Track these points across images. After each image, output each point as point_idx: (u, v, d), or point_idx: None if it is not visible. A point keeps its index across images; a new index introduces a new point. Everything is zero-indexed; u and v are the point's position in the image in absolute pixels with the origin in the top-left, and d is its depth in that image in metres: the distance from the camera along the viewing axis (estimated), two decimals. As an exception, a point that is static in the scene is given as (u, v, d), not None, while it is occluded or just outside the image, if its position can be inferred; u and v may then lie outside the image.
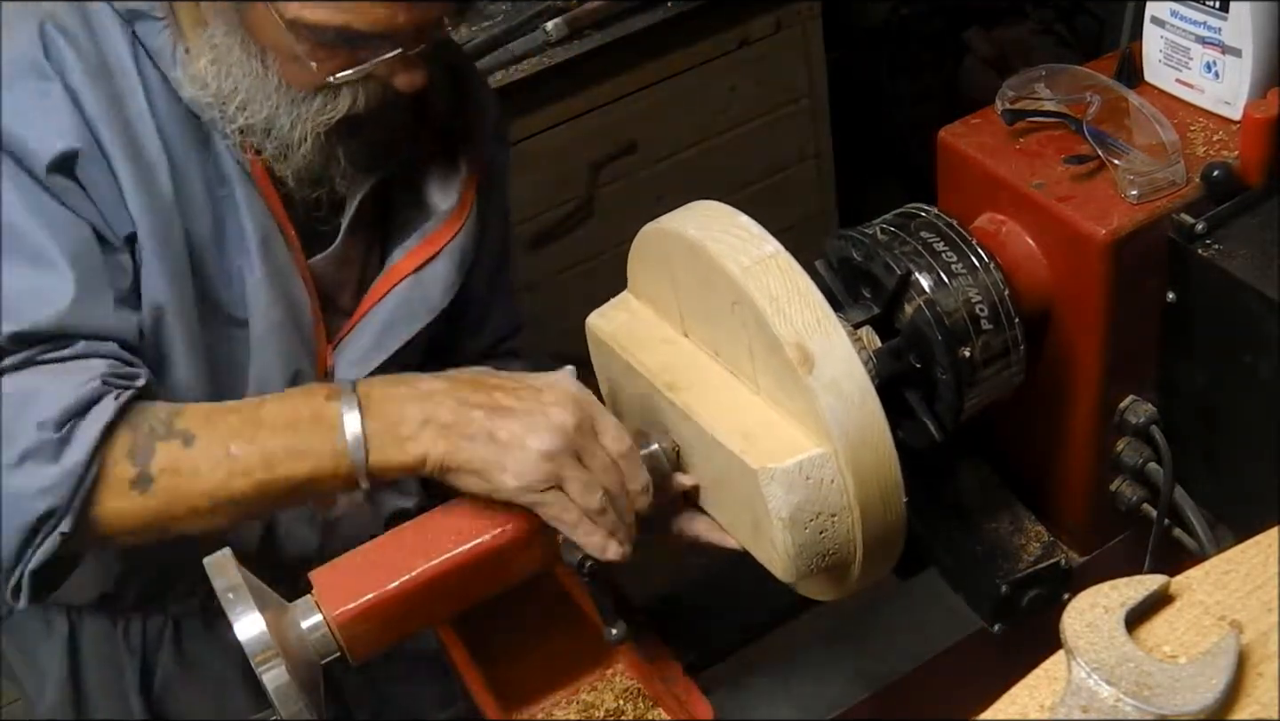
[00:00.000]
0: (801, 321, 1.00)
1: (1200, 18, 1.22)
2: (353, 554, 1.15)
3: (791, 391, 1.02)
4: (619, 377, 1.21)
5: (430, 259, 1.34)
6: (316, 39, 1.13)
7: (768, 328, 1.00)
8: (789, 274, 1.02)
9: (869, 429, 1.00)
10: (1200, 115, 1.25)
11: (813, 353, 0.99)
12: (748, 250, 1.03)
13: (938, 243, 1.19)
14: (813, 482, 1.01)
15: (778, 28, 2.46)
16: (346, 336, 1.35)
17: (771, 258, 1.03)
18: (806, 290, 1.01)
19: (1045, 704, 0.81)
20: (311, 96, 1.18)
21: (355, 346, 1.34)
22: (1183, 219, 1.17)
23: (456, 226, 1.35)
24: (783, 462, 1.01)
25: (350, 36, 1.12)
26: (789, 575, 1.06)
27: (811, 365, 0.99)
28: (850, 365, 1.00)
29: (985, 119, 1.30)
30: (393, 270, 1.35)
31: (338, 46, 1.14)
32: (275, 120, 1.19)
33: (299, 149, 1.20)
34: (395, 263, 1.35)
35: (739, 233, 1.05)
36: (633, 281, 1.22)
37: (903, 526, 1.06)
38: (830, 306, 1.02)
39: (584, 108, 2.32)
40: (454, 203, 1.35)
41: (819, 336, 1.00)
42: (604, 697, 1.31)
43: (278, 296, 1.27)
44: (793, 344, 0.99)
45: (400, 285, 1.34)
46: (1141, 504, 1.31)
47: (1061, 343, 1.26)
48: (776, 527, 1.02)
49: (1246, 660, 0.81)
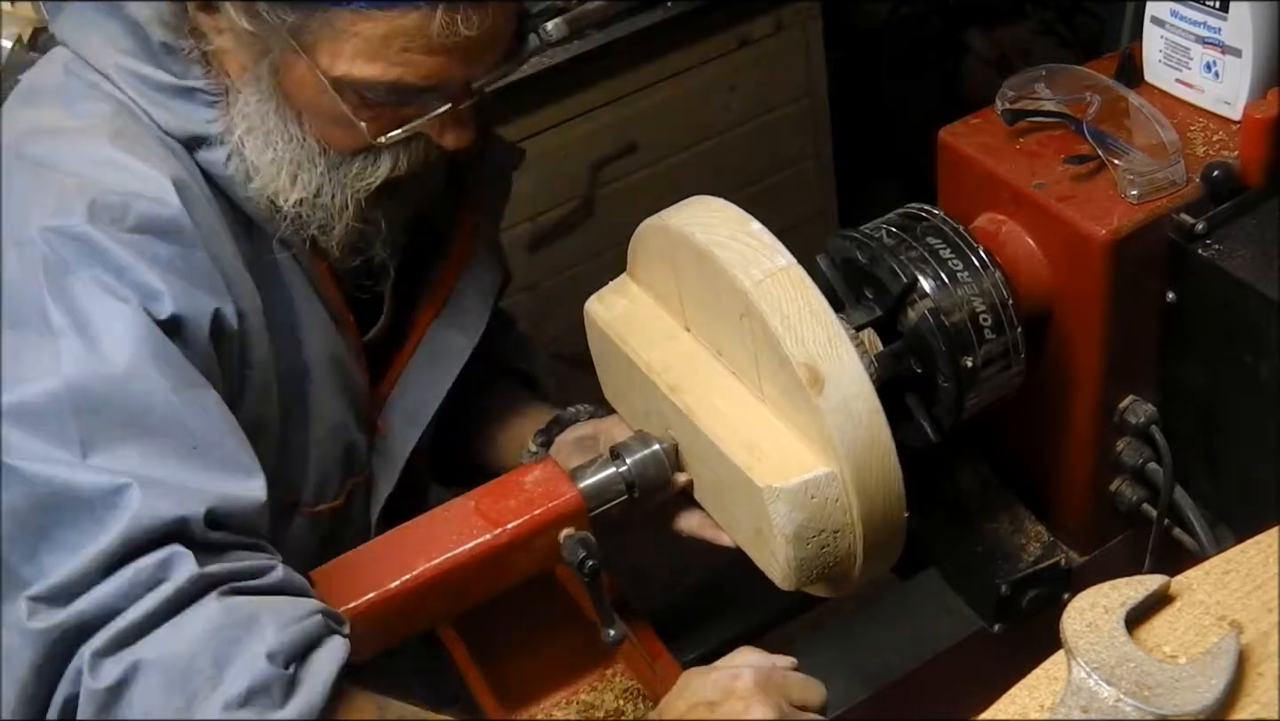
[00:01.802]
0: (813, 340, 0.98)
1: (1200, 18, 1.22)
2: (353, 553, 1.15)
3: (798, 406, 1.01)
4: (618, 367, 1.20)
5: (445, 302, 1.30)
6: (364, 97, 1.05)
7: (778, 346, 0.98)
8: (801, 290, 1.00)
9: (875, 448, 0.99)
10: (1200, 115, 1.25)
11: (823, 374, 0.97)
12: (759, 262, 1.01)
13: (943, 249, 1.18)
14: (817, 501, 1.00)
15: (778, 28, 2.46)
16: (391, 396, 1.31)
17: (784, 271, 1.01)
18: (819, 308, 1.00)
19: (1045, 704, 0.82)
20: (350, 160, 1.11)
21: (405, 403, 1.31)
22: (1183, 219, 1.17)
23: (461, 265, 1.30)
24: (788, 482, 1.00)
25: (401, 91, 1.05)
26: (788, 585, 1.06)
27: (821, 386, 0.97)
28: (860, 385, 0.98)
29: (985, 119, 1.30)
30: (416, 323, 1.30)
31: (385, 104, 1.07)
32: (322, 189, 1.11)
33: (341, 218, 1.13)
34: (416, 315, 1.30)
35: (750, 241, 1.03)
36: (633, 268, 1.21)
37: (902, 536, 1.06)
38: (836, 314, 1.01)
39: (584, 108, 2.31)
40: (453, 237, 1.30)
41: (830, 358, 0.98)
42: (604, 697, 1.31)
43: (339, 392, 1.23)
44: (803, 364, 0.98)
45: (427, 336, 1.30)
46: (1141, 504, 1.31)
47: (1061, 343, 1.26)
48: (779, 543, 1.02)
49: (1246, 660, 0.81)
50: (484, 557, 1.11)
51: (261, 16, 1.03)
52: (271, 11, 1.02)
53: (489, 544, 1.11)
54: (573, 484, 1.15)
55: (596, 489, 1.15)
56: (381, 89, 1.05)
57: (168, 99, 1.09)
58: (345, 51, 1.03)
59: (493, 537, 1.11)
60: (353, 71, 1.04)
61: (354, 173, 1.12)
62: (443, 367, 1.31)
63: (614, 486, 1.16)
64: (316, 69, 1.04)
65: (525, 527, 1.12)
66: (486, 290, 1.33)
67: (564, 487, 1.15)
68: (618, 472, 1.16)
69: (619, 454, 1.16)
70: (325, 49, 1.03)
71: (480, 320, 1.32)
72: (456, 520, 1.13)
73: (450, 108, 1.08)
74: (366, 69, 1.03)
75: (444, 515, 1.14)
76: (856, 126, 2.83)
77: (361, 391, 1.27)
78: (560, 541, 1.14)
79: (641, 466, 1.16)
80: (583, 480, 1.15)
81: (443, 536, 1.11)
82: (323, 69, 1.04)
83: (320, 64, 1.04)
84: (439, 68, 1.04)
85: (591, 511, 1.15)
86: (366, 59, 1.03)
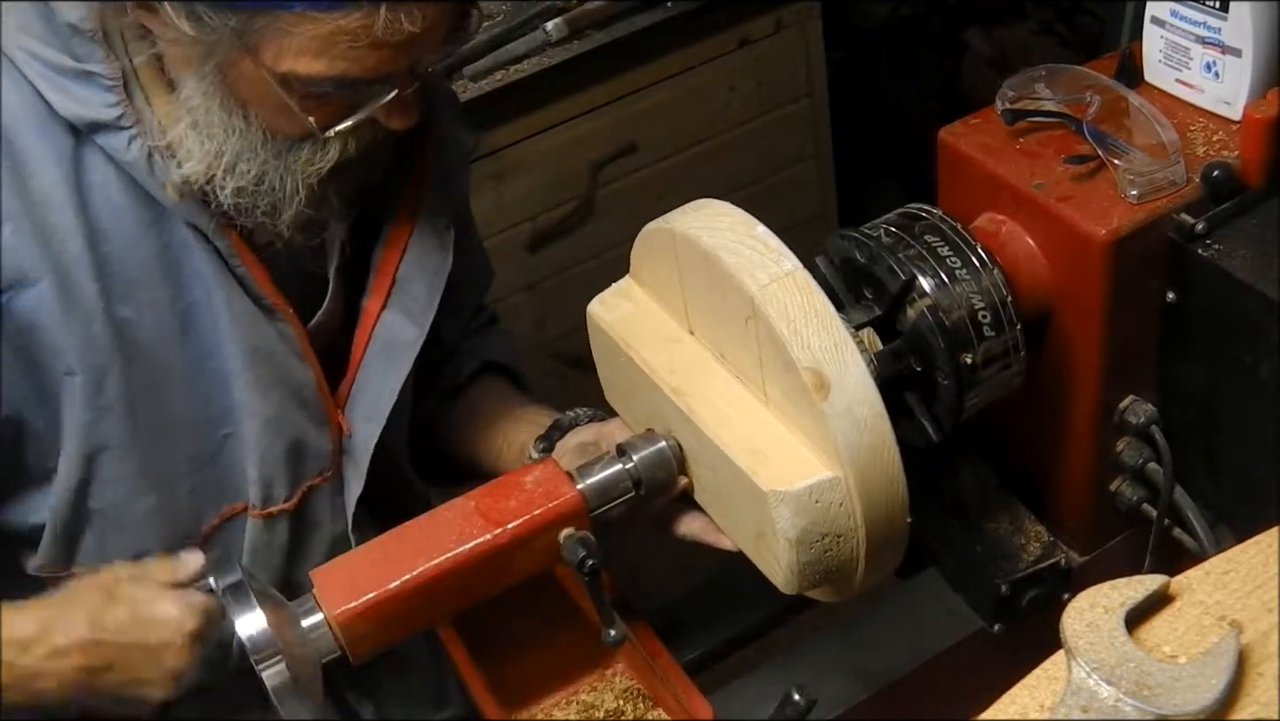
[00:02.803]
0: (819, 345, 0.98)
1: (1200, 18, 1.21)
2: (353, 553, 1.15)
3: (803, 410, 1.01)
4: (621, 370, 1.20)
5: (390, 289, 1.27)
6: (309, 90, 1.06)
7: (784, 350, 0.98)
8: (807, 294, 1.00)
9: (880, 453, 0.99)
10: (1200, 115, 1.25)
11: (829, 379, 0.97)
12: (765, 266, 1.01)
13: (942, 247, 1.18)
14: (821, 506, 1.00)
15: (778, 28, 2.46)
16: (350, 393, 1.30)
17: (789, 275, 1.00)
18: (825, 313, 0.99)
19: (1045, 704, 0.82)
20: (299, 145, 1.12)
21: (364, 400, 1.29)
22: (1183, 219, 1.17)
23: (399, 249, 1.27)
24: (793, 486, 1.00)
25: (347, 85, 1.06)
26: (790, 589, 1.06)
27: (827, 391, 0.97)
28: (865, 390, 0.98)
29: (985, 119, 1.30)
30: (365, 313, 1.29)
31: (331, 96, 1.07)
32: (265, 176, 1.12)
33: (291, 202, 1.14)
34: (365, 304, 1.28)
35: (756, 245, 1.03)
36: (636, 270, 1.21)
37: (905, 540, 1.06)
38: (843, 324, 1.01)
39: (584, 108, 2.32)
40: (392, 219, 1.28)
41: (835, 362, 0.98)
42: (604, 697, 1.30)
43: (270, 385, 1.22)
44: (809, 369, 0.97)
45: (378, 325, 1.28)
46: (1141, 504, 1.31)
47: (1061, 342, 1.26)
48: (782, 547, 1.02)
49: (1246, 660, 0.81)
50: (484, 557, 1.11)
51: (204, 20, 1.02)
52: (214, 15, 1.02)
53: (489, 544, 1.11)
54: (573, 484, 1.15)
55: (602, 486, 1.15)
56: (328, 84, 1.05)
57: (69, 82, 1.09)
58: (290, 49, 1.03)
59: (493, 537, 1.11)
60: (298, 69, 1.04)
61: (303, 159, 1.12)
62: (396, 359, 1.28)
63: (620, 484, 1.15)
64: (262, 66, 1.04)
65: (525, 527, 1.12)
66: (433, 274, 1.29)
67: (564, 487, 1.14)
68: (624, 470, 1.15)
69: (625, 451, 1.16)
70: (269, 48, 1.03)
71: (428, 307, 1.29)
72: (456, 520, 1.13)
73: (396, 95, 1.09)
74: (312, 65, 1.03)
75: (444, 515, 1.14)
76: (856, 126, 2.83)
77: (307, 385, 1.25)
78: (560, 541, 1.13)
79: (648, 463, 1.15)
80: (589, 477, 1.15)
81: (443, 536, 1.11)
82: (267, 66, 1.04)
83: (265, 61, 1.04)
84: (384, 60, 1.05)
85: (598, 509, 1.15)
86: (312, 56, 1.03)
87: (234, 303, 1.18)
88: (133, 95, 1.11)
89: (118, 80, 1.10)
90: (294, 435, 1.25)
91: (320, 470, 1.29)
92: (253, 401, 1.21)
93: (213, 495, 1.24)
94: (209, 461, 1.23)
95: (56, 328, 1.11)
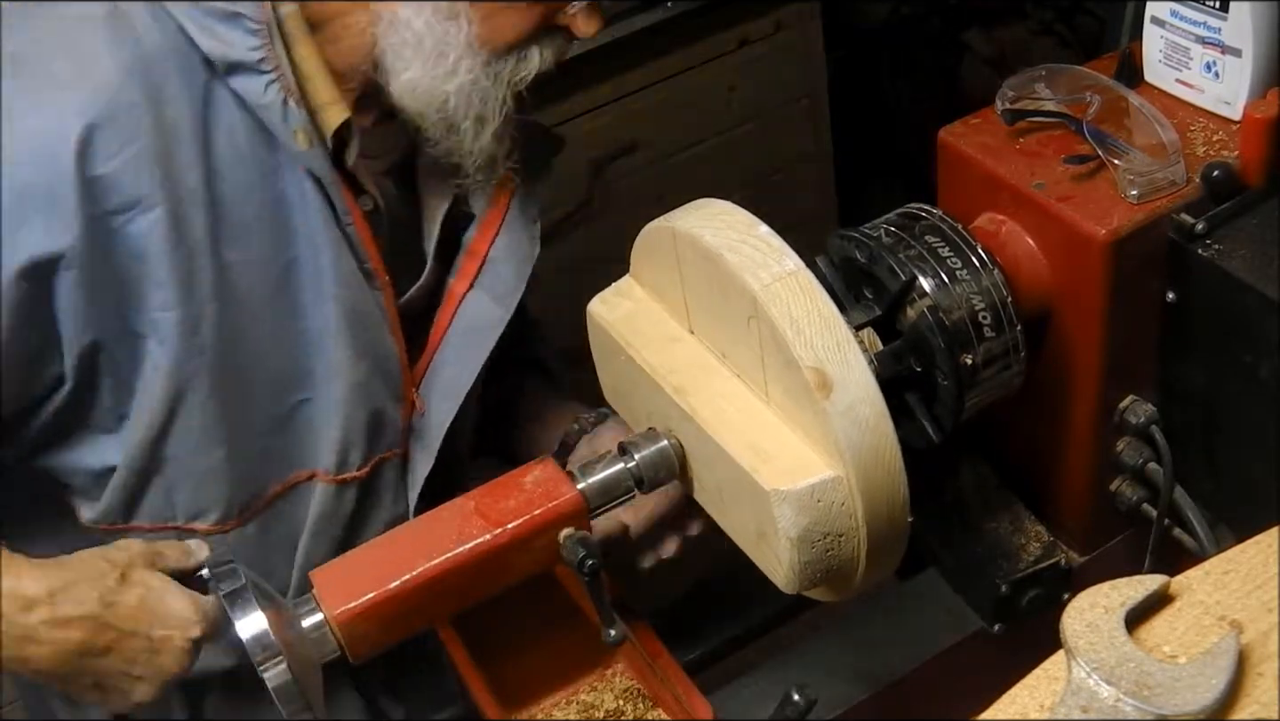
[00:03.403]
0: (822, 345, 0.98)
1: (1200, 18, 1.22)
2: (353, 553, 1.15)
3: (805, 409, 1.00)
4: (621, 369, 1.20)
5: (479, 271, 1.31)
6: None
7: (787, 350, 0.98)
8: (810, 294, 1.00)
9: (881, 453, 0.99)
10: (1200, 115, 1.25)
11: (831, 378, 0.97)
12: (768, 265, 1.01)
13: (942, 247, 1.18)
14: (823, 505, 1.00)
15: (778, 28, 2.46)
16: (427, 372, 1.31)
17: (792, 275, 1.00)
18: (828, 312, 0.99)
19: (1045, 704, 0.81)
20: (504, 56, 1.17)
21: (441, 378, 1.31)
22: (1183, 219, 1.17)
23: (493, 231, 1.31)
24: (795, 485, 1.00)
25: None
26: (791, 589, 1.06)
27: (829, 390, 0.97)
28: (868, 390, 0.98)
29: (985, 119, 1.30)
30: (450, 294, 1.31)
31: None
32: (478, 81, 1.17)
33: (499, 113, 1.19)
34: (450, 285, 1.32)
35: (758, 244, 1.03)
36: (636, 269, 1.21)
37: (905, 540, 1.06)
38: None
39: (584, 108, 2.32)
40: (487, 203, 1.31)
41: (839, 362, 0.98)
42: (604, 697, 1.31)
43: (362, 351, 1.23)
44: (812, 368, 0.97)
45: (463, 306, 1.31)
46: (1141, 504, 1.31)
47: (1061, 343, 1.26)
48: (783, 546, 1.02)
49: (1246, 660, 0.81)
50: (484, 557, 1.11)
51: None
52: None
53: (489, 544, 1.11)
54: (573, 483, 1.15)
55: (604, 485, 1.15)
56: None
57: (215, 23, 1.11)
58: None
59: (493, 537, 1.11)
60: None
61: (510, 67, 1.17)
62: (478, 340, 1.31)
63: (622, 483, 1.15)
64: None
65: (525, 527, 1.12)
66: (522, 259, 1.34)
67: (564, 487, 1.14)
68: (625, 469, 1.15)
69: (627, 450, 1.16)
70: None
71: (515, 290, 1.32)
72: (456, 520, 1.13)
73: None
74: None
75: (444, 515, 1.14)
76: (856, 126, 2.84)
77: (392, 357, 1.27)
78: (560, 541, 1.13)
79: (650, 462, 1.15)
80: (590, 476, 1.15)
81: (442, 536, 1.11)
82: None
83: None
84: None
85: (599, 508, 1.15)
86: None
87: (341, 262, 1.20)
88: (274, 41, 1.13)
89: (263, 24, 1.12)
90: (375, 405, 1.26)
91: (390, 445, 1.30)
92: (344, 363, 1.22)
93: (279, 460, 1.25)
94: (283, 424, 1.24)
95: (164, 257, 1.11)
